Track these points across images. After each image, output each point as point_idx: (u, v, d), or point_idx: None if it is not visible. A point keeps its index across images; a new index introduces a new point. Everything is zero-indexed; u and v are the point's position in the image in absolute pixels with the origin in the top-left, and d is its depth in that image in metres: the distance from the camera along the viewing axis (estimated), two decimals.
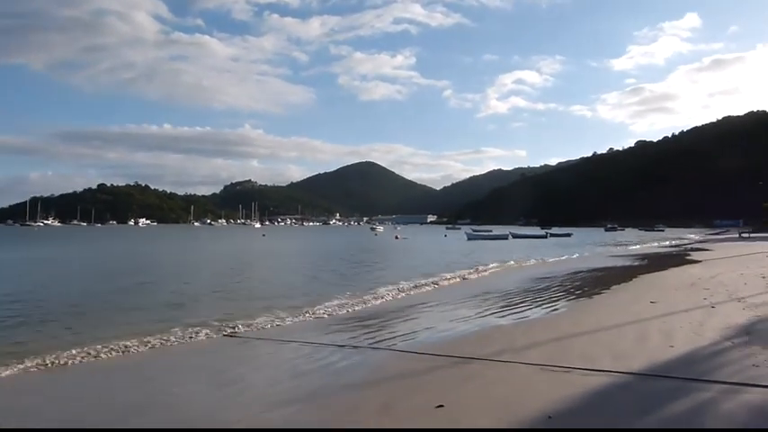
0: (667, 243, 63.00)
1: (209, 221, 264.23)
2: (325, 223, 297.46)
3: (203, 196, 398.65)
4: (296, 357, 8.87)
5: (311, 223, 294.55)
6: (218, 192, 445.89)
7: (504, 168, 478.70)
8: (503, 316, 12.62)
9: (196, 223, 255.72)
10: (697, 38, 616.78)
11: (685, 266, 25.39)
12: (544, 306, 14.21)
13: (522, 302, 14.88)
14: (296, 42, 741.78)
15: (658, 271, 23.05)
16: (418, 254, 42.97)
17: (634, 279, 20.04)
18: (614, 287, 18.00)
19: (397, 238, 78.29)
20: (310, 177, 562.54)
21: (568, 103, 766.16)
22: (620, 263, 31.47)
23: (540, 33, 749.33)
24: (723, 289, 14.99)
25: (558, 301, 15.18)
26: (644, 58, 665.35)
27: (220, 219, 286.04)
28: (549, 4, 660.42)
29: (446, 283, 20.75)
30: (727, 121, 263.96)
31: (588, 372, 6.96)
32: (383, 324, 11.95)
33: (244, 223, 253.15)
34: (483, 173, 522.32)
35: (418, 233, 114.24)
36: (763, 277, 17.50)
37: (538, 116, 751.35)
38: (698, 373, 6.71)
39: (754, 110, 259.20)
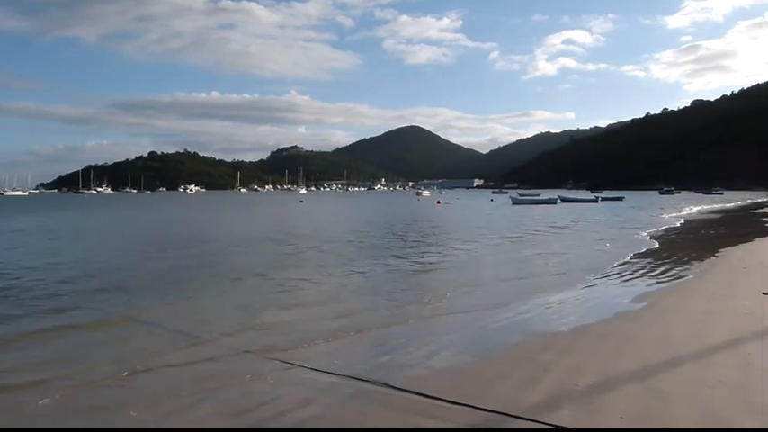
0: (732, 206, 57.94)
1: (255, 187, 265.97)
2: (371, 188, 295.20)
3: (250, 163, 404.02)
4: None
5: (356, 188, 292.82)
6: (264, 158, 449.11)
7: (553, 131, 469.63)
8: (552, 314, 9.22)
9: (243, 189, 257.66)
10: None
11: None
12: (608, 296, 10.78)
13: (573, 288, 11.44)
14: (341, 7, 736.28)
15: (742, 242, 19.12)
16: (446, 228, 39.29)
17: (717, 254, 16.20)
18: (696, 265, 14.34)
19: (438, 203, 75.02)
20: (356, 143, 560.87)
21: (620, 62, 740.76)
22: (688, 230, 27.41)
23: None
24: None
25: (623, 286, 11.68)
26: (701, 14, 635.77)
27: (267, 185, 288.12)
28: None
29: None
30: None
31: None
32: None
33: (289, 189, 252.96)
34: (530, 136, 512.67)
35: (464, 198, 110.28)
36: None
37: (587, 77, 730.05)
38: None
39: None
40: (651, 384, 5.36)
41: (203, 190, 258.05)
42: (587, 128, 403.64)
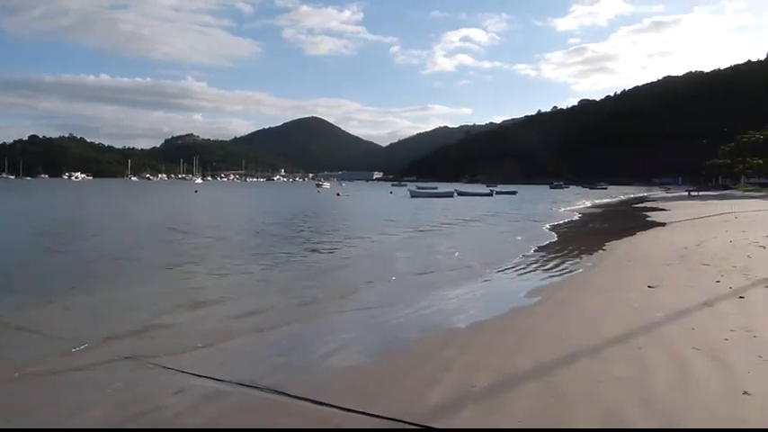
0: (616, 200, 61.78)
1: (147, 176, 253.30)
2: (270, 179, 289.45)
3: (142, 150, 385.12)
4: None
5: (255, 179, 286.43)
6: (158, 145, 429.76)
7: (450, 126, 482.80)
8: (453, 309, 9.16)
9: (134, 178, 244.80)
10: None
11: (654, 230, 22.66)
12: (507, 290, 10.96)
13: (474, 282, 11.53)
14: None
15: (627, 236, 20.11)
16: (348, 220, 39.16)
17: (605, 247, 16.93)
18: (585, 258, 14.88)
19: (338, 195, 75.14)
20: (255, 132, 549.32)
21: (513, 61, 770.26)
22: (577, 225, 28.71)
23: None
24: (727, 264, 11.89)
25: (521, 280, 11.89)
26: (587, 19, 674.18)
27: (160, 173, 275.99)
28: None
29: None
30: (668, 81, 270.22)
31: None
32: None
33: (184, 178, 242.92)
34: (429, 130, 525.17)
35: (363, 190, 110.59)
36: (764, 247, 14.57)
37: (483, 74, 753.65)
38: None
39: (693, 70, 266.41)
40: (548, 382, 5.29)
41: (90, 177, 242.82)
42: (483, 123, 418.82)
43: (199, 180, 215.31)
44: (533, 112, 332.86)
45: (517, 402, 4.82)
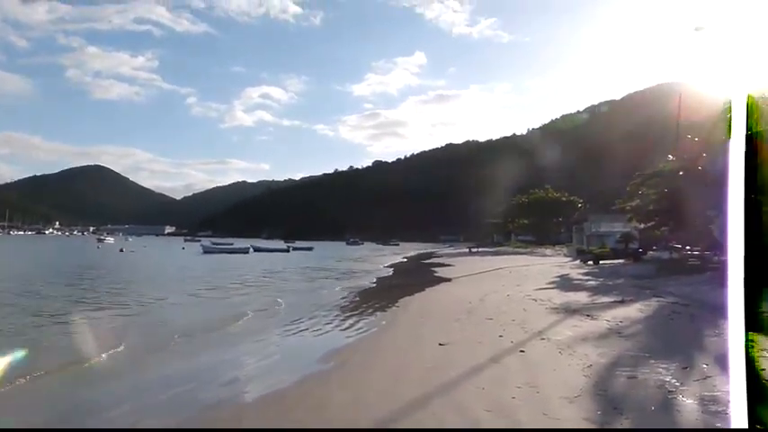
0: (409, 256, 65.05)
1: None
2: (40, 232, 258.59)
3: None
4: None
5: (21, 232, 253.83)
6: None
7: (249, 180, 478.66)
8: (241, 378, 8.38)
9: None
10: (424, 74, 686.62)
11: (442, 286, 23.85)
12: (299, 354, 10.46)
13: (265, 343, 10.85)
14: (14, 25, 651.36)
15: (417, 292, 20.82)
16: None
17: (398, 304, 17.21)
18: (380, 316, 14.95)
19: (122, 250, 68.80)
20: (25, 179, 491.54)
21: (312, 121, 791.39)
22: (375, 281, 29.24)
23: (288, 52, 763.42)
24: (507, 318, 12.66)
25: (314, 342, 11.48)
26: (380, 87, 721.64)
27: None
28: (296, 27, 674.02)
29: None
30: (450, 147, 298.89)
31: None
32: None
33: None
34: (227, 184, 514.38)
35: (152, 245, 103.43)
36: (535, 300, 15.89)
37: (283, 131, 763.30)
38: None
39: (470, 139, 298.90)
40: None
41: None
42: (282, 179, 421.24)
43: None
44: (331, 171, 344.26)
45: None
